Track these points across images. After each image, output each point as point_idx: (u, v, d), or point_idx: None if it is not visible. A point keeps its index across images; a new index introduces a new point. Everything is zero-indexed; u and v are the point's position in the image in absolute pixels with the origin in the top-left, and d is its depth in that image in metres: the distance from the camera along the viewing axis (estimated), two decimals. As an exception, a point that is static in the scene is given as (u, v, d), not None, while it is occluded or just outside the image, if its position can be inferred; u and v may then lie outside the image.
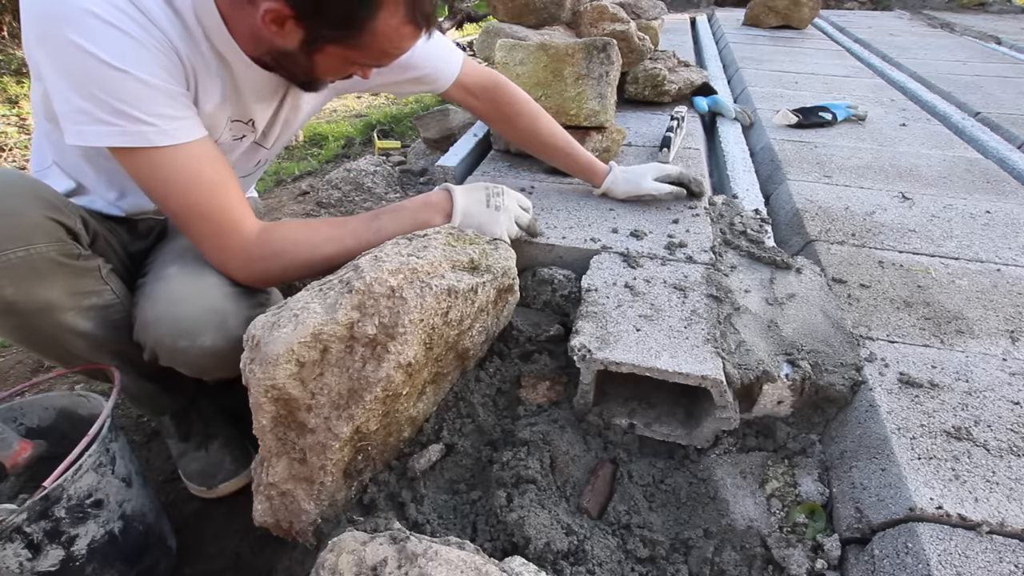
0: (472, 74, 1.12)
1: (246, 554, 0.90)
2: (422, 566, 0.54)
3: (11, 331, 0.75)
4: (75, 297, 0.74)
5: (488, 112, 1.18)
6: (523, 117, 1.19)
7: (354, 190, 2.09)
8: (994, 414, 0.81)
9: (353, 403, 0.69)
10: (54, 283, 0.72)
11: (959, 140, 1.90)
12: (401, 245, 0.80)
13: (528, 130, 1.21)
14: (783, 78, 2.63)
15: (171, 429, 1.00)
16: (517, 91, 1.18)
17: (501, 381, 0.96)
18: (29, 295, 0.70)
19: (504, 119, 1.19)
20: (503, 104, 1.17)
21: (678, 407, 0.93)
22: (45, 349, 0.79)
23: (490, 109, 1.17)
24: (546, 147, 1.24)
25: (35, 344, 0.78)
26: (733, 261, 1.13)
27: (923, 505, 0.68)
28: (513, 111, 1.18)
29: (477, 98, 1.15)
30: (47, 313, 0.73)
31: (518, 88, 1.18)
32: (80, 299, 0.75)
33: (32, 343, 0.78)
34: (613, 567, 0.71)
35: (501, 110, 1.17)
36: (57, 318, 0.74)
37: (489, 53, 1.92)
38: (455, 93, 1.12)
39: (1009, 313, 1.03)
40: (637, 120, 1.88)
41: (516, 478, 0.77)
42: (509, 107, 1.17)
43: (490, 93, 1.15)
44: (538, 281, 1.10)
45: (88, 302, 0.76)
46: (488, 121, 1.25)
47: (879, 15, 5.03)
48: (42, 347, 0.79)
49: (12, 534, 0.62)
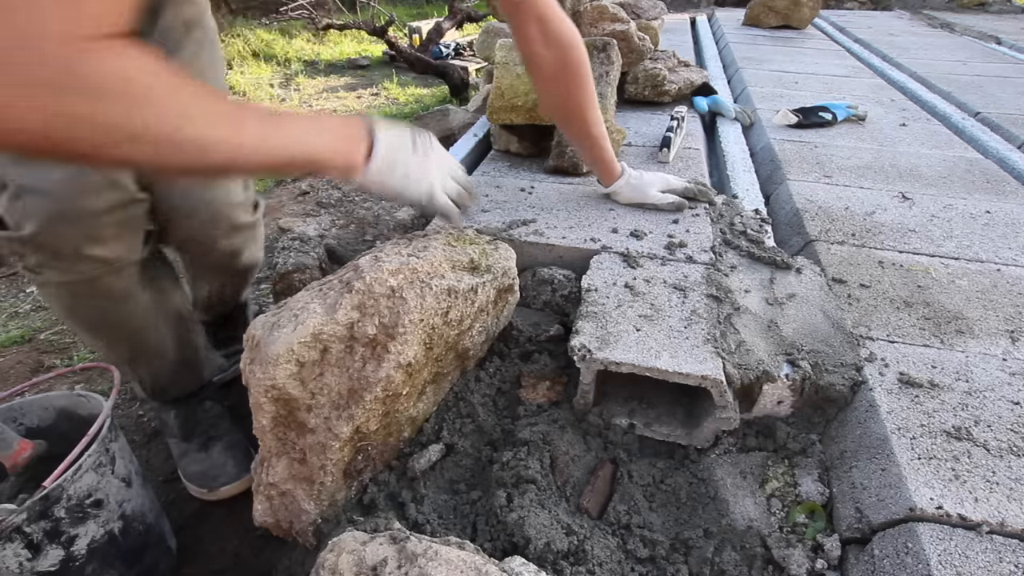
0: (556, 13, 0.99)
1: (246, 554, 0.90)
2: (422, 566, 0.54)
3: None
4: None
5: (552, 64, 1.03)
6: (585, 89, 1.07)
7: (354, 190, 2.09)
8: (994, 414, 0.81)
9: (353, 403, 0.69)
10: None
11: (959, 140, 1.90)
12: (401, 245, 0.80)
13: (580, 103, 1.09)
14: (783, 78, 2.63)
15: (174, 428, 1.00)
16: (587, 58, 1.06)
17: (501, 381, 0.96)
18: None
19: (562, 80, 1.05)
20: (572, 64, 1.04)
21: (678, 407, 0.93)
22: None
23: (554, 60, 1.02)
24: (585, 130, 1.13)
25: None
26: (733, 261, 1.13)
27: (923, 505, 0.68)
28: (580, 80, 1.06)
29: (547, 42, 1.00)
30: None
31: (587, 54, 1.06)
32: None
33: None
34: (613, 567, 0.71)
35: (567, 69, 1.04)
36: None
37: (489, 53, 1.92)
38: (523, 17, 0.97)
39: (1009, 313, 1.03)
40: (637, 120, 1.88)
41: (516, 478, 0.77)
42: (577, 70, 1.04)
43: (564, 48, 1.02)
44: (538, 281, 1.10)
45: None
46: (540, 72, 1.05)
47: (879, 15, 5.03)
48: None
49: (12, 534, 0.62)
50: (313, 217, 1.91)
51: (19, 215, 0.71)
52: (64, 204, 0.71)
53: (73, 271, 0.76)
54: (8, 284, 1.73)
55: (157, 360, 0.94)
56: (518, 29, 1.00)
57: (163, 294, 0.90)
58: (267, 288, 1.63)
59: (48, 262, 0.74)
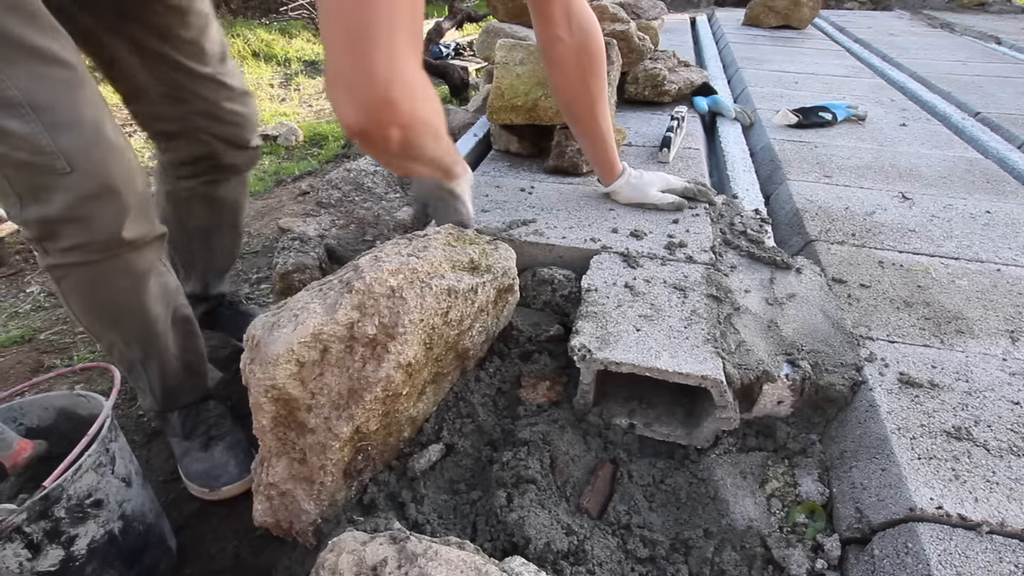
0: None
1: (246, 554, 0.90)
2: (422, 566, 0.54)
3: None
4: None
5: (573, 49, 1.03)
6: (599, 80, 1.07)
7: (354, 190, 2.09)
8: (994, 414, 0.81)
9: (353, 403, 0.69)
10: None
11: (959, 140, 1.90)
12: (401, 245, 0.80)
13: (593, 94, 1.09)
14: (783, 78, 2.63)
15: (176, 426, 1.00)
16: (604, 49, 1.07)
17: (501, 381, 0.96)
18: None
19: (579, 67, 1.05)
20: (590, 51, 1.04)
21: (678, 407, 0.93)
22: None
23: (575, 46, 1.02)
24: (593, 123, 1.14)
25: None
26: (733, 261, 1.13)
27: (923, 505, 0.68)
28: (595, 69, 1.05)
29: (570, 26, 1.00)
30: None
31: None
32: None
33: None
34: (613, 567, 0.71)
35: (587, 55, 1.04)
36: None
37: (489, 53, 1.92)
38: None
39: (1009, 313, 1.03)
40: (637, 120, 1.88)
41: (516, 478, 0.77)
42: (594, 57, 1.04)
43: (585, 34, 1.02)
44: (538, 281, 1.10)
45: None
46: (558, 57, 1.05)
47: (879, 15, 5.03)
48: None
49: (12, 534, 0.62)
50: (313, 217, 1.90)
51: (69, 193, 0.74)
52: (110, 183, 0.76)
53: (103, 251, 0.80)
54: (8, 284, 1.73)
55: (167, 361, 0.96)
56: (541, 10, 1.00)
57: (170, 294, 0.94)
58: (267, 288, 1.63)
59: (81, 242, 0.78)
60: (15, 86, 0.68)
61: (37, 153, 0.71)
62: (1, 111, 0.68)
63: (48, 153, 0.71)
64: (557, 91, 1.14)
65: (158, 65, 0.95)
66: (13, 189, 0.73)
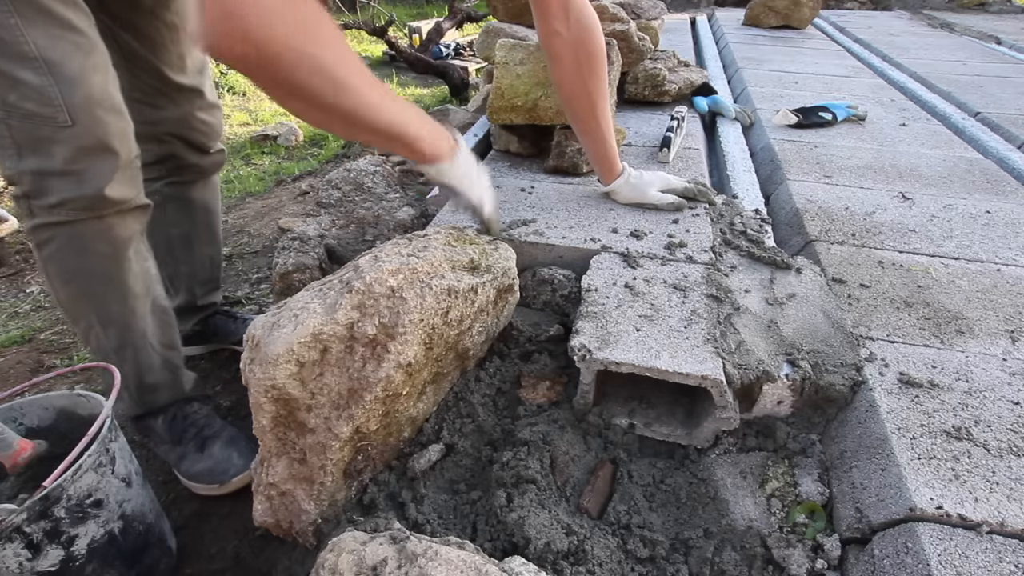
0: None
1: (246, 554, 0.90)
2: (422, 566, 0.54)
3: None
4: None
5: (570, 44, 1.04)
6: (599, 76, 1.08)
7: (354, 190, 2.09)
8: (994, 414, 0.81)
9: (353, 403, 0.69)
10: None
11: (959, 140, 1.90)
12: (401, 245, 0.80)
13: (592, 91, 1.10)
14: (783, 78, 2.63)
15: (163, 434, 1.00)
16: (604, 47, 1.08)
17: (501, 381, 0.96)
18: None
19: (577, 63, 1.06)
20: (589, 46, 1.05)
21: (678, 407, 0.93)
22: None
23: (573, 41, 1.03)
24: (593, 121, 1.14)
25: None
26: (733, 261, 1.13)
27: (923, 505, 0.68)
28: (595, 65, 1.06)
29: (568, 20, 1.01)
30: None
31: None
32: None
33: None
34: (613, 567, 0.71)
35: (585, 50, 1.05)
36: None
37: (489, 53, 1.92)
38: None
39: (1009, 313, 1.03)
40: (637, 120, 1.88)
41: (516, 478, 0.77)
42: (593, 53, 1.05)
43: (584, 30, 1.03)
44: (538, 281, 1.10)
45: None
46: (556, 52, 1.07)
47: (879, 15, 5.03)
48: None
49: (12, 534, 0.62)
50: (313, 217, 1.90)
51: (67, 146, 0.77)
52: (107, 140, 0.79)
53: (88, 208, 0.82)
54: (8, 284, 1.73)
55: (144, 353, 0.95)
56: (539, 3, 1.02)
57: (150, 279, 0.95)
58: (267, 288, 1.63)
59: (69, 197, 0.80)
60: (33, 42, 0.73)
61: (44, 104, 0.74)
62: (17, 63, 0.72)
63: (55, 106, 0.75)
64: (557, 87, 1.15)
65: (142, 73, 0.99)
66: (13, 139, 0.77)
